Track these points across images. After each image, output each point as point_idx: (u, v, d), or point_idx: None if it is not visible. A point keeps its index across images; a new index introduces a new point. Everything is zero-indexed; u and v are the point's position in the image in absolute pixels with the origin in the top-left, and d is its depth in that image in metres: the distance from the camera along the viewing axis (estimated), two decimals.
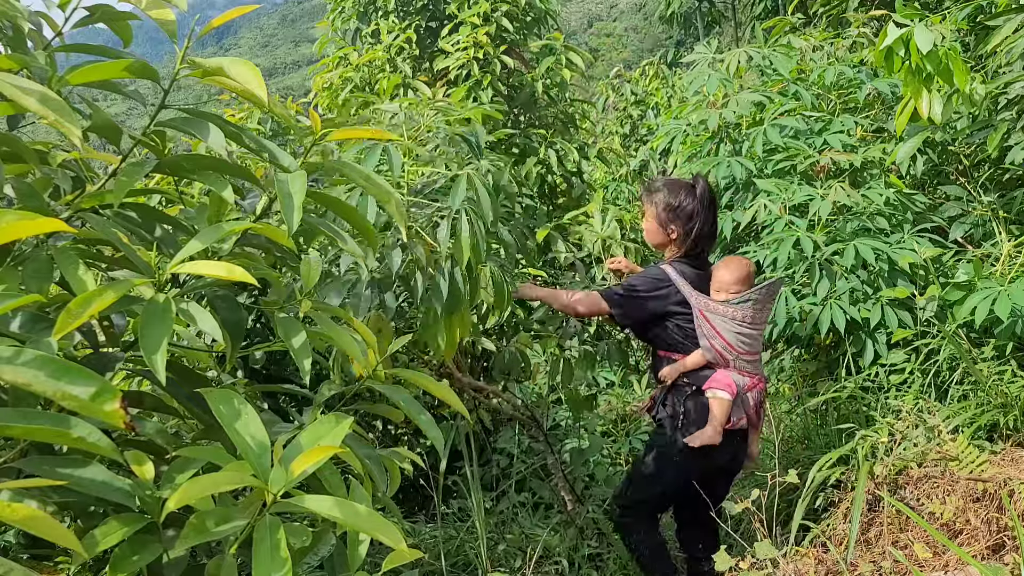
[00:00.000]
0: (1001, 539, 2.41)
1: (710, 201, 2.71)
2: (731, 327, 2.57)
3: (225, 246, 1.25)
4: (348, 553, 1.19)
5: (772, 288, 2.63)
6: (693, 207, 2.67)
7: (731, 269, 2.63)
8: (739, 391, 2.59)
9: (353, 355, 1.32)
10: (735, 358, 2.59)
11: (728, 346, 2.58)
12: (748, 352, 2.61)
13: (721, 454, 2.61)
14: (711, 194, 2.73)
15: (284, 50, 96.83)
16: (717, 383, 2.59)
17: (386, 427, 3.55)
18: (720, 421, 2.55)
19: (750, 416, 2.64)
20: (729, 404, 2.56)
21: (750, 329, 2.59)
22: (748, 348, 2.61)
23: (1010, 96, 3.55)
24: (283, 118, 1.35)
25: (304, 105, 5.24)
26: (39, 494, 0.99)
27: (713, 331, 2.58)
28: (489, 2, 4.94)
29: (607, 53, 30.73)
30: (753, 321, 2.60)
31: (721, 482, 2.77)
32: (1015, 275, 3.15)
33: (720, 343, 2.58)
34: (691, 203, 2.67)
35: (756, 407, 2.67)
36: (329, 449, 1.02)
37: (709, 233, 2.73)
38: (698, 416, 2.62)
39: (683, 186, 2.71)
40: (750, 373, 2.63)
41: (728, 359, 2.59)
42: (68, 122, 1.00)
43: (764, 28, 6.14)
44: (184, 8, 1.26)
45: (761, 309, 2.62)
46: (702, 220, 2.67)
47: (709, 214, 2.70)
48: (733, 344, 2.57)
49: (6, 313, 1.02)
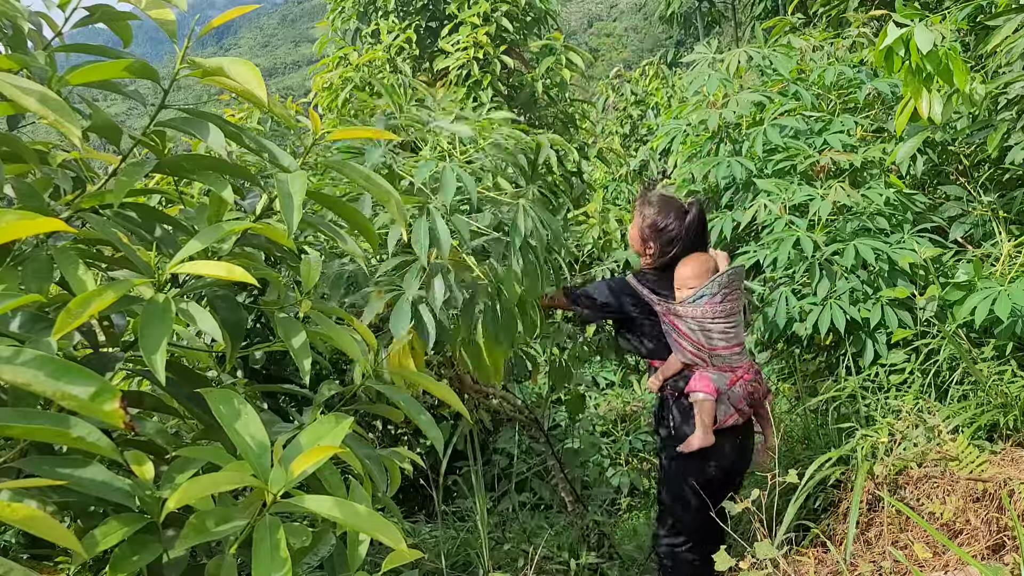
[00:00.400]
0: (1001, 539, 2.41)
1: (698, 231, 2.65)
2: (697, 326, 2.51)
3: (225, 246, 1.25)
4: (348, 553, 1.19)
5: (731, 278, 2.55)
6: (677, 233, 2.62)
7: (689, 265, 2.58)
8: (721, 389, 2.53)
9: (353, 355, 1.32)
10: (710, 356, 2.53)
11: (699, 345, 2.52)
12: (725, 347, 2.54)
13: (721, 456, 2.58)
14: (701, 222, 2.67)
15: (284, 50, 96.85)
16: (694, 385, 2.54)
17: (386, 427, 3.55)
18: (705, 423, 2.51)
19: (742, 410, 2.58)
20: (711, 404, 2.51)
21: (720, 324, 2.52)
22: (724, 343, 2.53)
23: (1010, 96, 3.55)
24: (283, 118, 1.35)
25: (304, 105, 5.24)
26: (39, 494, 0.98)
27: (680, 332, 2.54)
28: (489, 2, 4.94)
29: (607, 53, 30.72)
30: (717, 315, 2.52)
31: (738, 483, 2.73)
32: (1015, 275, 3.15)
33: (689, 344, 2.53)
34: (676, 229, 2.62)
35: (748, 398, 2.59)
36: (329, 449, 1.02)
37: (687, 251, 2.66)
38: (687, 422, 2.58)
39: (675, 208, 2.66)
40: (731, 367, 2.56)
41: (703, 358, 2.53)
42: (68, 122, 1.00)
43: (764, 28, 6.14)
44: (184, 8, 1.26)
45: (723, 301, 2.53)
46: (682, 246, 2.63)
47: (692, 241, 2.64)
48: (703, 343, 2.52)
49: (6, 313, 1.02)
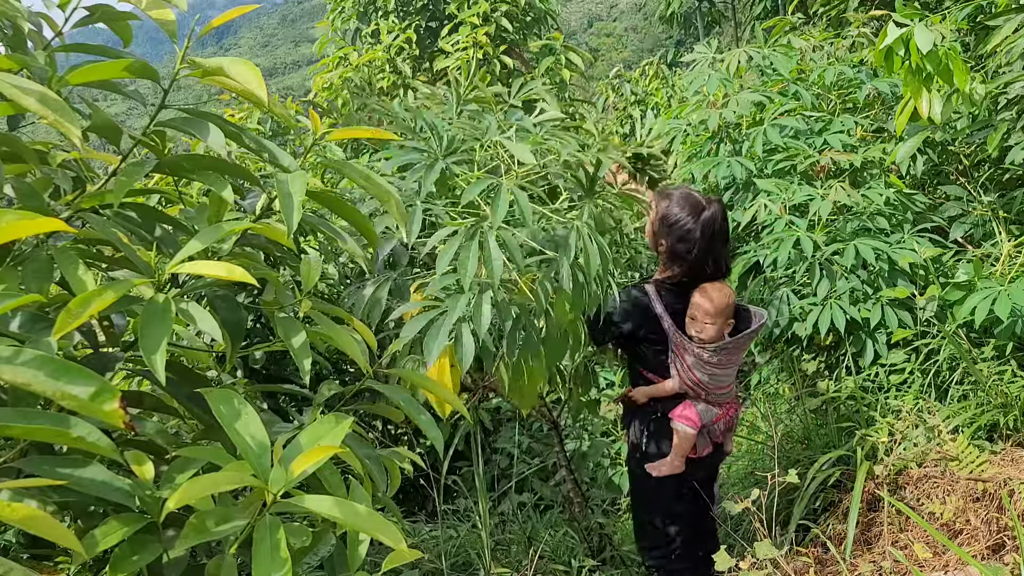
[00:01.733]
0: (1001, 539, 2.41)
1: (713, 233, 2.39)
2: (703, 367, 2.44)
3: (225, 246, 1.25)
4: (348, 553, 1.19)
5: (750, 337, 2.48)
6: (689, 228, 2.39)
7: (709, 297, 2.40)
8: (706, 424, 2.50)
9: (353, 355, 1.32)
10: (706, 393, 2.48)
11: (698, 382, 2.46)
12: (718, 387, 2.49)
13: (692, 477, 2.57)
14: (718, 226, 2.40)
15: (284, 50, 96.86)
16: (681, 416, 2.49)
17: (386, 427, 3.56)
18: (682, 454, 2.50)
19: (716, 442, 2.57)
20: (693, 436, 2.48)
21: (724, 369, 2.47)
22: (719, 384, 2.49)
23: (1010, 96, 3.55)
24: (283, 118, 1.35)
25: (304, 105, 5.24)
26: (39, 494, 0.98)
27: (685, 366, 2.46)
28: (489, 2, 4.94)
29: (607, 53, 30.69)
30: (724, 363, 2.45)
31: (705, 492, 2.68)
32: (1015, 275, 3.15)
33: (691, 378, 2.46)
34: (689, 224, 2.39)
35: (724, 432, 2.59)
36: (329, 449, 1.02)
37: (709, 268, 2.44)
38: (660, 441, 2.55)
39: (692, 203, 2.42)
40: (720, 403, 2.53)
41: (700, 393, 2.49)
42: (68, 122, 1.00)
43: (764, 28, 6.14)
44: (184, 8, 1.26)
45: (734, 352, 2.46)
46: (697, 249, 2.39)
47: (710, 245, 2.40)
48: (703, 382, 2.46)
49: (6, 313, 1.02)
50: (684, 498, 2.59)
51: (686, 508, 2.61)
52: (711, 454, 2.59)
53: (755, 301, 3.89)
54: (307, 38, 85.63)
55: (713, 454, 2.60)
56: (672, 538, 2.63)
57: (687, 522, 2.63)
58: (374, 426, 3.53)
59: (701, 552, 2.61)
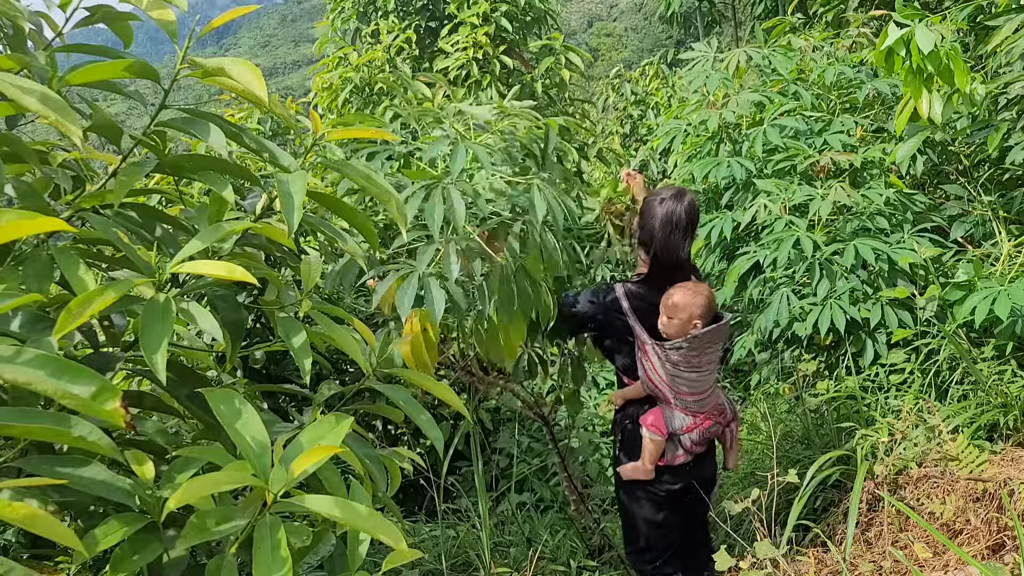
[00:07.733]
0: (1001, 539, 2.41)
1: (675, 226, 2.39)
2: (667, 368, 2.39)
3: (225, 246, 1.25)
4: (348, 553, 1.19)
5: (713, 335, 2.40)
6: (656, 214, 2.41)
7: (671, 293, 2.38)
8: (674, 432, 2.44)
9: (353, 355, 1.32)
10: (674, 396, 2.42)
11: (665, 384, 2.41)
12: (689, 393, 2.42)
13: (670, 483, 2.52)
14: (679, 219, 2.39)
15: (284, 50, 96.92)
16: (647, 420, 2.45)
17: (386, 427, 3.56)
18: (650, 460, 2.46)
19: (692, 451, 2.48)
20: (660, 444, 2.44)
21: (692, 373, 2.40)
22: (689, 389, 2.42)
23: (1010, 96, 3.55)
24: (283, 118, 1.35)
25: (304, 105, 5.24)
26: (39, 493, 0.99)
27: (651, 366, 2.42)
28: (489, 2, 4.94)
29: (607, 53, 30.69)
30: (690, 365, 2.38)
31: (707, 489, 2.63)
32: (1015, 275, 3.15)
33: (656, 378, 2.42)
34: (657, 210, 2.41)
35: (703, 442, 2.50)
36: (329, 449, 1.02)
37: (668, 261, 2.44)
38: (630, 447, 2.53)
39: (672, 194, 2.44)
40: (694, 412, 2.45)
41: (668, 397, 2.43)
42: (69, 122, 1.00)
43: (764, 28, 6.14)
44: (184, 8, 1.26)
45: (699, 354, 2.38)
46: (658, 239, 2.41)
47: (669, 237, 2.40)
48: (669, 383, 2.41)
49: (6, 312, 1.02)
50: (662, 506, 2.55)
51: (666, 516, 2.57)
52: (690, 464, 2.51)
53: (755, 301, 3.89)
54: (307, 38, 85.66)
55: (694, 465, 2.53)
56: (652, 544, 2.60)
57: (669, 530, 2.60)
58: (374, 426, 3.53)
59: (687, 561, 2.59)
